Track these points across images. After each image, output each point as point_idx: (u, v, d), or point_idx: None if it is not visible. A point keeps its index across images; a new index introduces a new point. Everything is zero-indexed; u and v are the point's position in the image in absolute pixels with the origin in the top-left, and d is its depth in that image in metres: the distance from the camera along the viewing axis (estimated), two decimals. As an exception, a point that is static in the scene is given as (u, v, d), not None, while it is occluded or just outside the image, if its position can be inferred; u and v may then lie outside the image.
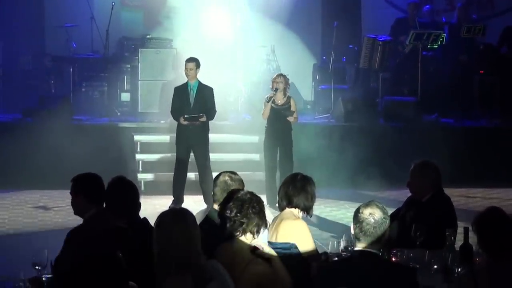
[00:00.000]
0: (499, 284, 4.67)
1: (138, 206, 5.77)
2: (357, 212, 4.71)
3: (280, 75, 11.83)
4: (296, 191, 5.98)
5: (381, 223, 4.64)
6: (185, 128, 11.50)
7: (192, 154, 11.70)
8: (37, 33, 15.89)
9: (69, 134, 13.13)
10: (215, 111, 11.68)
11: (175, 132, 11.74)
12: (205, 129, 11.61)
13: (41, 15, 15.93)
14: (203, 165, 11.60)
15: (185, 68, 11.54)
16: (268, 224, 6.03)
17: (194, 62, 11.52)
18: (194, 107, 11.51)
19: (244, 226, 5.02)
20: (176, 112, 11.59)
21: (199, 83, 11.61)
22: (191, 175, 12.11)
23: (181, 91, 11.64)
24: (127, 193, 5.72)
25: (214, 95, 11.69)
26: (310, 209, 6.06)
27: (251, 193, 5.20)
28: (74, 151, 12.69)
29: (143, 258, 4.70)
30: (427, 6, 16.01)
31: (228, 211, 5.06)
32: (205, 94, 11.60)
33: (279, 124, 11.64)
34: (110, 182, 5.82)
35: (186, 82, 11.64)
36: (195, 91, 11.57)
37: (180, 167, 11.65)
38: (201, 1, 15.04)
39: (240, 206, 5.04)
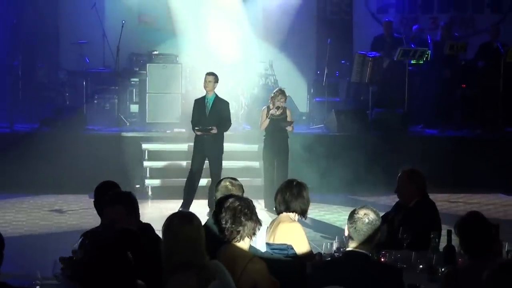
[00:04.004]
0: (479, 283, 4.67)
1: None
2: (352, 213, 4.72)
3: (283, 93, 11.62)
4: (293, 196, 5.99)
5: (374, 224, 4.65)
6: (201, 138, 11.41)
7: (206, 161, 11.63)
8: (53, 49, 15.92)
9: (82, 142, 13.16)
10: (230, 123, 11.61)
11: (193, 141, 11.67)
12: (219, 140, 11.48)
13: (56, 32, 15.95)
14: (216, 174, 11.36)
15: (205, 81, 11.47)
16: (266, 226, 6.06)
17: (214, 75, 11.47)
18: (209, 118, 11.43)
19: (241, 233, 4.93)
20: (194, 123, 11.53)
21: (216, 96, 11.52)
22: (205, 181, 12.03)
23: (199, 104, 11.56)
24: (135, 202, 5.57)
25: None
26: (305, 212, 6.07)
27: (239, 199, 5.07)
28: (87, 158, 12.73)
29: (150, 259, 4.70)
30: (416, 26, 16.07)
31: (223, 222, 4.95)
32: (220, 107, 11.50)
33: (276, 134, 11.63)
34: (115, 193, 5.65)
35: (205, 95, 11.57)
36: (210, 104, 11.52)
37: (194, 174, 11.53)
38: (205, 20, 15.09)
39: (233, 216, 4.92)
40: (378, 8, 17.06)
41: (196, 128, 11.36)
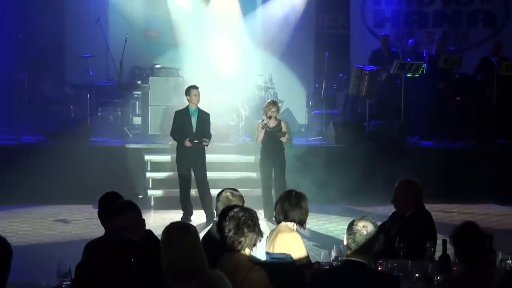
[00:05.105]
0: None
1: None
2: (351, 224, 4.71)
3: (274, 103, 11.75)
4: (292, 206, 5.97)
5: (372, 236, 4.65)
6: (185, 148, 11.45)
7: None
8: (58, 63, 15.95)
9: (86, 154, 13.15)
10: (211, 134, 11.68)
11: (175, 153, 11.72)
12: (202, 150, 11.55)
13: (62, 47, 15.99)
14: (202, 182, 11.52)
15: (194, 94, 11.49)
16: (265, 236, 6.05)
17: (198, 88, 11.55)
18: (196, 131, 11.47)
19: (242, 243, 4.93)
20: (177, 134, 11.54)
21: (199, 109, 11.60)
22: (193, 192, 12.05)
23: (183, 115, 11.57)
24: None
25: (215, 119, 11.71)
26: (304, 222, 6.05)
27: (244, 210, 5.06)
28: (91, 169, 12.72)
29: (151, 267, 4.69)
30: (411, 40, 16.09)
31: (226, 231, 4.95)
32: (205, 119, 11.57)
33: (272, 145, 11.62)
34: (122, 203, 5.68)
35: (187, 107, 11.58)
36: (196, 116, 11.55)
37: (185, 185, 11.61)
38: (206, 35, 15.14)
39: (236, 226, 4.92)
40: (375, 23, 17.11)
41: (189, 139, 11.33)
